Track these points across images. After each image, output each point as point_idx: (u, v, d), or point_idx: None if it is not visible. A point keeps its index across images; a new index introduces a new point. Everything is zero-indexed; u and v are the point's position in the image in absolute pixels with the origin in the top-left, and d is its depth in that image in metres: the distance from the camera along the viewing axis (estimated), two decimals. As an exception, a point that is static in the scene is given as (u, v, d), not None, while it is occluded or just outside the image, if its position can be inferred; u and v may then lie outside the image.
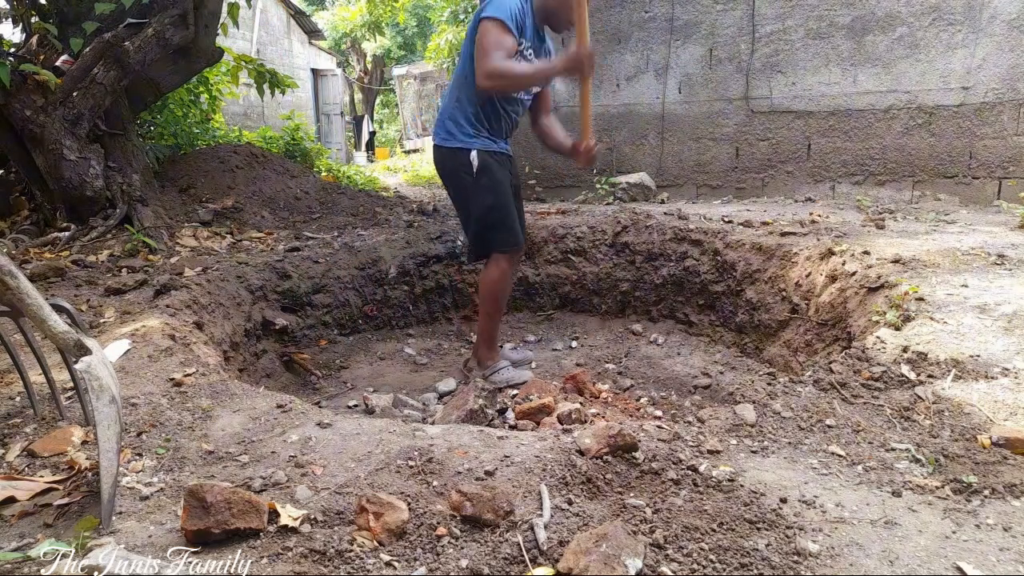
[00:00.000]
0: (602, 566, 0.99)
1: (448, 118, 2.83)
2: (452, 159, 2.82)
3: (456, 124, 2.80)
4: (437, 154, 2.92)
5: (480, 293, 3.01)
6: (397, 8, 16.42)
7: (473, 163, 2.76)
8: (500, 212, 2.82)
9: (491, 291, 2.90)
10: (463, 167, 2.78)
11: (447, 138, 2.83)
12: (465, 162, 2.77)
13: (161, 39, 3.97)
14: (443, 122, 2.86)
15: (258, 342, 3.20)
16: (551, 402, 2.35)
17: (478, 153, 2.77)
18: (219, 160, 5.20)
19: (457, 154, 2.79)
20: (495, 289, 2.89)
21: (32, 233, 3.87)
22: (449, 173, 2.90)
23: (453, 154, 2.81)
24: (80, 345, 1.30)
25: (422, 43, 19.03)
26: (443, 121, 2.86)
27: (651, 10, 5.68)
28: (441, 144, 2.86)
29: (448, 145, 2.83)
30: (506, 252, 2.87)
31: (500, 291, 2.90)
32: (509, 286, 3.01)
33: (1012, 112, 4.61)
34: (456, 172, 2.83)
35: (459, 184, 2.86)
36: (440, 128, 2.88)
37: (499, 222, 2.83)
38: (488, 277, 2.89)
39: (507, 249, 2.87)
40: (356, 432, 1.58)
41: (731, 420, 1.62)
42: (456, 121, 2.80)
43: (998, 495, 1.28)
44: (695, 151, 5.72)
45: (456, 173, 2.83)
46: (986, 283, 2.46)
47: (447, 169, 2.89)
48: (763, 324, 3.28)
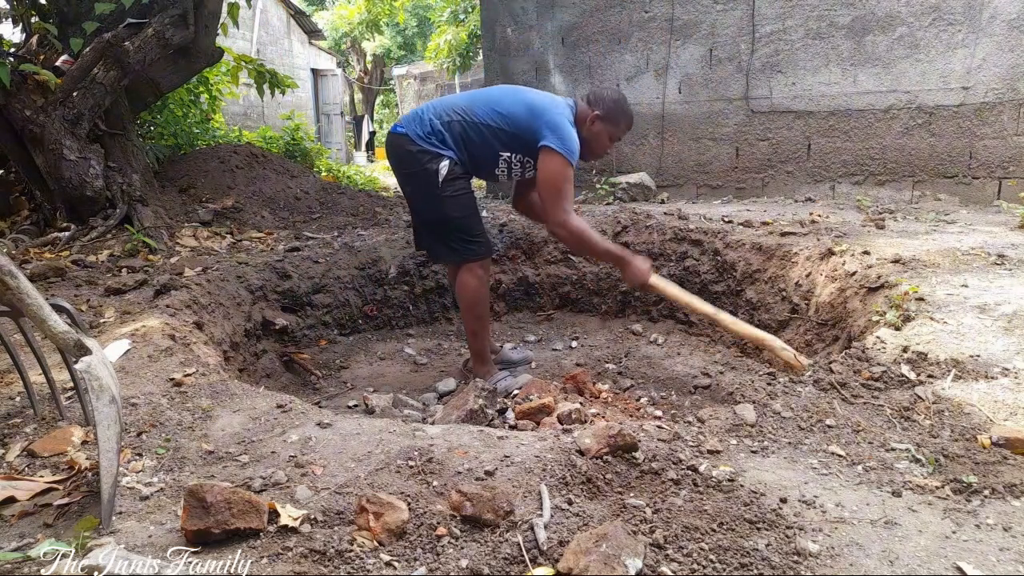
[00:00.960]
0: (602, 566, 0.99)
1: (439, 126, 2.66)
2: (418, 161, 2.66)
3: (439, 137, 2.66)
4: (399, 144, 2.70)
5: (461, 307, 2.92)
6: (396, 7, 16.42)
7: (441, 172, 2.63)
8: (467, 222, 2.74)
9: (470, 302, 2.79)
10: (429, 173, 2.64)
11: (425, 139, 2.65)
12: (434, 168, 2.63)
13: (161, 39, 3.97)
14: (428, 121, 2.68)
15: (258, 342, 3.20)
16: (551, 402, 2.35)
17: (449, 163, 2.64)
18: (219, 160, 5.19)
19: (425, 157, 2.64)
20: (474, 299, 2.78)
21: (32, 233, 3.87)
22: (411, 172, 2.73)
23: (426, 154, 2.64)
24: (80, 345, 1.30)
25: (422, 43, 19.03)
26: (429, 120, 2.68)
27: (651, 10, 5.68)
28: (412, 138, 2.66)
29: (423, 145, 2.64)
30: (481, 260, 2.79)
31: (479, 300, 2.80)
32: (488, 294, 2.90)
33: (1012, 112, 4.61)
34: (419, 175, 2.68)
35: (421, 186, 2.71)
36: (419, 124, 2.68)
37: (467, 232, 2.74)
38: (465, 287, 2.78)
39: (481, 257, 2.78)
40: (356, 432, 1.58)
41: (731, 420, 1.62)
42: (442, 137, 2.66)
43: (998, 495, 1.28)
44: (695, 151, 5.72)
45: (419, 176, 2.68)
46: (986, 283, 2.45)
47: (410, 168, 2.72)
48: (763, 324, 3.28)
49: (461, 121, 2.68)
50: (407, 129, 2.70)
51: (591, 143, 2.78)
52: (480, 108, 2.70)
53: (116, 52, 3.75)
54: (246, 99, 10.35)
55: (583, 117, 2.74)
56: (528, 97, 2.72)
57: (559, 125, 2.60)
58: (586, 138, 2.74)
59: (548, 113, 2.63)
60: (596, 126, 2.75)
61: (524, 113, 2.65)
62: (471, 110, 2.69)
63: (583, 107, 2.78)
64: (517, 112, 2.66)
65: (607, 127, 2.76)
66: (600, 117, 2.74)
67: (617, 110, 2.76)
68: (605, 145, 2.82)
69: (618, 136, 2.82)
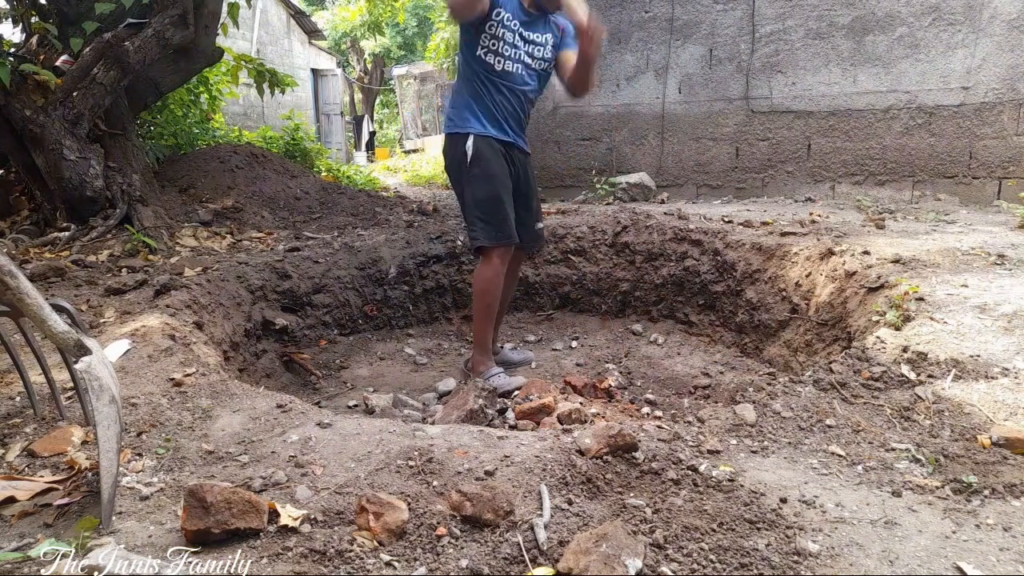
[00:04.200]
0: (602, 566, 0.99)
1: (451, 106, 2.91)
2: (452, 147, 2.85)
3: (456, 110, 2.85)
4: (444, 143, 2.96)
5: (472, 294, 2.96)
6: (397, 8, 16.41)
7: (468, 151, 2.77)
8: (489, 204, 2.77)
9: (482, 289, 2.82)
10: (459, 155, 2.80)
11: (449, 124, 2.88)
12: (461, 150, 2.79)
13: (161, 39, 3.97)
14: (447, 111, 2.95)
15: (258, 342, 3.20)
16: (551, 402, 2.35)
17: (474, 140, 2.77)
18: (219, 160, 5.19)
19: (456, 141, 2.82)
20: (486, 287, 2.81)
21: (32, 233, 3.87)
22: (449, 162, 2.92)
23: (453, 141, 2.84)
24: (80, 345, 1.30)
25: (422, 43, 19.03)
26: (447, 110, 2.95)
27: (651, 10, 5.68)
28: (447, 132, 2.91)
29: (449, 131, 2.87)
30: (497, 248, 2.78)
31: (491, 290, 2.81)
32: (501, 285, 2.89)
33: (1012, 112, 4.61)
34: (454, 160, 2.85)
35: (456, 173, 2.89)
36: (446, 118, 2.96)
37: (488, 214, 2.78)
38: (479, 275, 2.84)
39: (493, 243, 2.77)
40: (356, 432, 1.58)
41: (731, 420, 1.62)
42: (456, 107, 2.86)
43: (998, 495, 1.28)
44: (695, 151, 5.72)
45: (454, 161, 2.86)
46: (986, 283, 2.45)
47: (448, 158, 2.91)
48: (763, 324, 3.28)
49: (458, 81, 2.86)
50: (444, 128, 2.94)
51: None
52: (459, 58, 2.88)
53: (116, 52, 3.75)
54: (246, 99, 10.35)
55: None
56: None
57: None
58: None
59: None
60: None
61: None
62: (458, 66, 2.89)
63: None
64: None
65: None
66: None
67: None
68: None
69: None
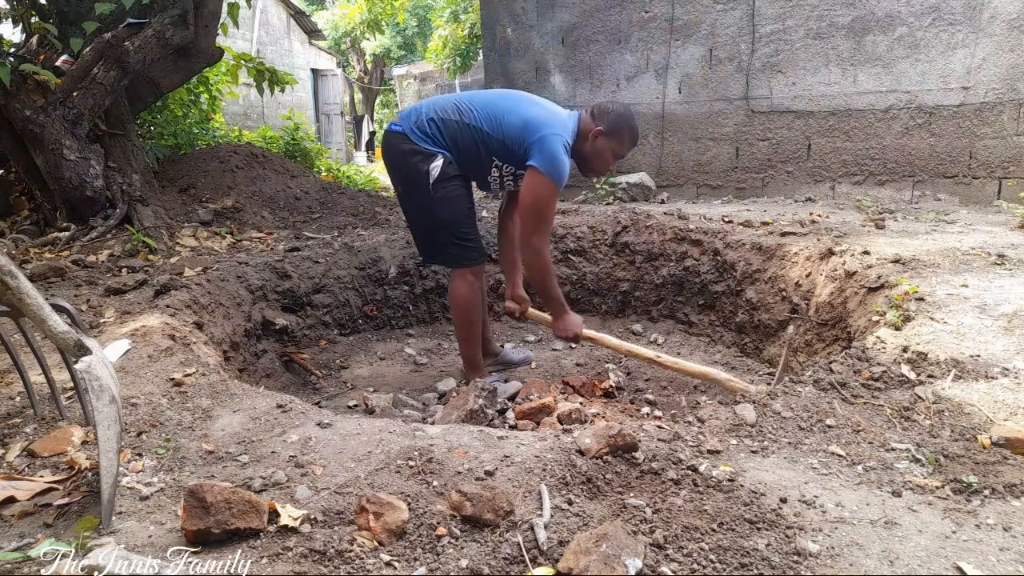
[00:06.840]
0: (602, 566, 0.99)
1: (435, 123, 2.60)
2: (411, 161, 2.60)
3: (435, 138, 2.60)
4: (394, 143, 2.65)
5: (452, 313, 2.89)
6: (396, 6, 16.42)
7: (432, 173, 2.56)
8: (458, 226, 2.67)
9: (462, 308, 2.76)
10: (420, 174, 2.58)
11: (416, 135, 2.59)
12: (424, 170, 2.57)
13: (161, 39, 3.97)
14: (425, 118, 2.61)
15: (258, 342, 3.20)
16: (551, 402, 2.36)
17: (442, 162, 2.57)
18: (219, 160, 5.19)
19: (417, 157, 2.58)
20: (465, 306, 2.75)
21: (32, 233, 3.87)
22: (403, 173, 2.66)
23: (415, 155, 2.59)
24: (80, 345, 1.30)
25: (422, 43, 19.03)
26: (426, 117, 2.61)
27: (651, 10, 5.68)
28: (407, 135, 2.60)
29: (413, 145, 2.59)
30: (470, 267, 2.74)
31: (470, 307, 2.76)
32: (479, 300, 2.83)
33: (1012, 112, 4.60)
34: (412, 176, 2.62)
35: (413, 187, 2.65)
36: (415, 121, 2.62)
37: (458, 236, 2.68)
38: (456, 292, 2.75)
39: (470, 265, 2.74)
40: (356, 432, 1.58)
41: (731, 420, 1.62)
42: (437, 137, 2.60)
43: (998, 495, 1.28)
44: (695, 151, 5.72)
45: (411, 177, 2.62)
46: (986, 283, 2.45)
47: (403, 168, 2.65)
48: (763, 324, 3.28)
49: (458, 122, 2.59)
50: (403, 126, 2.62)
51: (593, 159, 2.65)
52: (479, 111, 2.60)
53: (116, 52, 3.74)
54: (246, 99, 10.35)
55: (586, 132, 2.60)
56: (528, 110, 2.58)
57: (551, 146, 2.46)
58: (588, 154, 2.63)
59: (542, 131, 2.49)
60: (599, 142, 2.60)
61: (518, 126, 2.53)
62: (470, 112, 2.60)
63: (587, 121, 2.62)
64: (512, 124, 2.55)
65: (610, 143, 2.61)
66: (603, 133, 2.59)
67: (621, 125, 2.61)
68: (607, 162, 2.67)
69: (622, 153, 2.68)
